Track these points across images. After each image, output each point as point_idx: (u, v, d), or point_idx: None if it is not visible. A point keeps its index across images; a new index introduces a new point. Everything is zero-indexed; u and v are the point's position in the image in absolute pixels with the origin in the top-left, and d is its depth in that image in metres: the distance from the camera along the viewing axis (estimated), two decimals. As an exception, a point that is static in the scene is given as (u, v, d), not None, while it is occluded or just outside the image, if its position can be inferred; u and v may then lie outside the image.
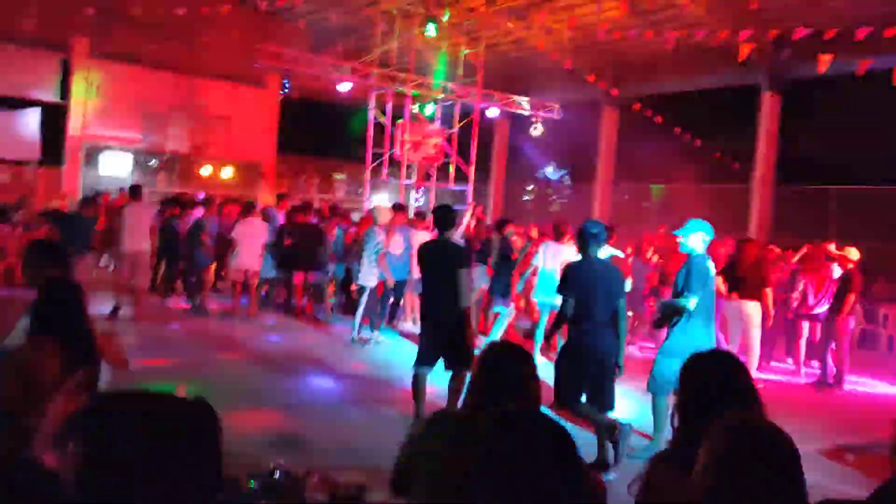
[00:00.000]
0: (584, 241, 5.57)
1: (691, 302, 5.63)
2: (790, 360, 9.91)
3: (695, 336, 5.61)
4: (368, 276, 9.38)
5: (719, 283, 8.06)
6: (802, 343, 9.59)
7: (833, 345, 8.96)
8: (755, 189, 16.24)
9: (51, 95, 18.71)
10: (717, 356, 2.56)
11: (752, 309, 8.41)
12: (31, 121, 18.92)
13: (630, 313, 9.48)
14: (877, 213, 14.93)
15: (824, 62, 12.15)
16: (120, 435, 1.27)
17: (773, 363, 9.79)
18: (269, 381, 7.41)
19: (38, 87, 18.53)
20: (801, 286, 9.48)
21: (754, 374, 7.87)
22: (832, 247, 9.55)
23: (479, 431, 1.84)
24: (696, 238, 5.89)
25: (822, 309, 9.26)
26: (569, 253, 8.20)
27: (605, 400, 5.42)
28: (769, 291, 8.60)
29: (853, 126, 17.07)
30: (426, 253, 6.29)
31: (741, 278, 8.45)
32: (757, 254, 8.81)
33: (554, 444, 1.70)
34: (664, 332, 6.06)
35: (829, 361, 8.94)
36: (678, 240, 5.99)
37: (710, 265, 5.93)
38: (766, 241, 15.05)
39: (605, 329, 5.41)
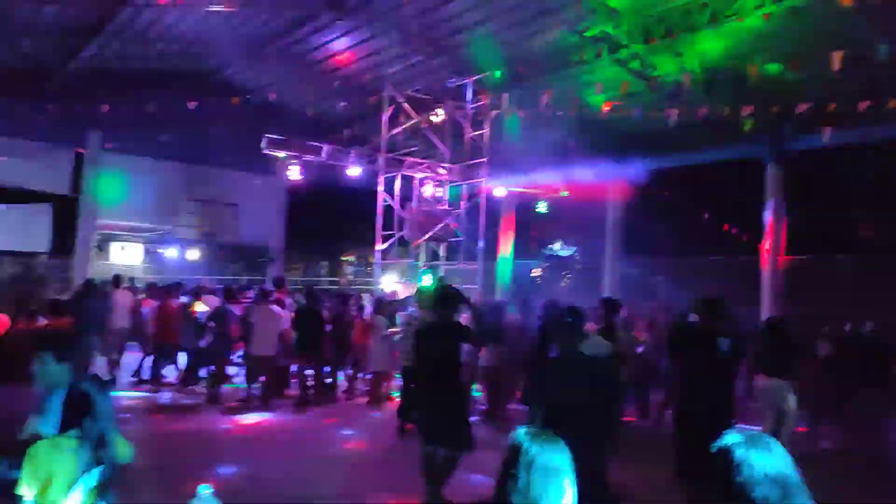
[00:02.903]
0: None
1: None
2: None
3: None
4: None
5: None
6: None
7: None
8: (764, 261, 16.15)
9: (63, 188, 19.03)
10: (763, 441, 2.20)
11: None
12: (42, 213, 19.19)
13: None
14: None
15: (826, 134, 12.29)
16: None
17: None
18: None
19: (51, 179, 18.86)
20: None
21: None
22: None
23: None
24: None
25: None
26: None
27: None
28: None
29: (862, 195, 17.15)
30: (424, 333, 5.99)
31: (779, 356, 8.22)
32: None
33: None
34: None
35: None
36: None
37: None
38: (780, 313, 14.88)
39: None
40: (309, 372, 10.82)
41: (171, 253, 21.44)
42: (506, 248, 22.50)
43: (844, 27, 12.14)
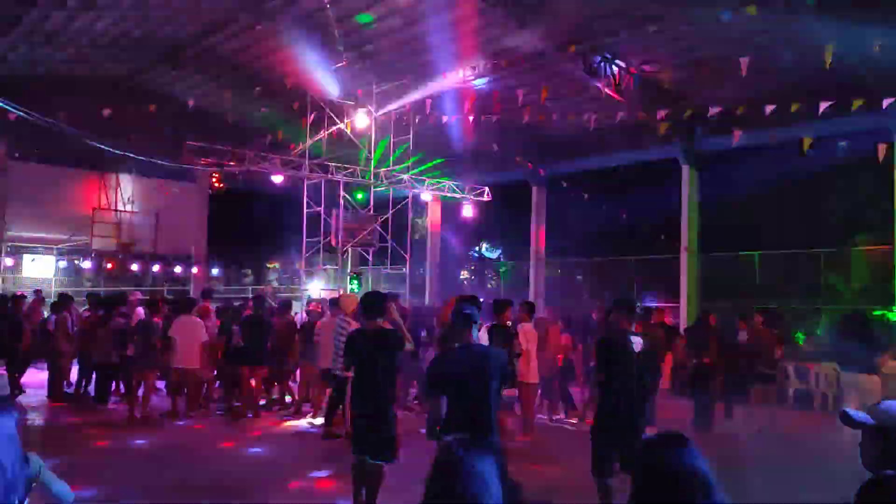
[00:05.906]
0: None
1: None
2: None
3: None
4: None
5: None
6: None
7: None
8: (682, 258, 16.73)
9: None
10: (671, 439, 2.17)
11: None
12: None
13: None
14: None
15: (736, 136, 12.84)
16: None
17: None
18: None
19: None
20: None
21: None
22: None
23: None
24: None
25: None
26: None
27: None
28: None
29: (770, 193, 18.02)
30: (356, 341, 5.84)
31: None
32: None
33: None
34: None
35: None
36: None
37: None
38: (697, 308, 15.47)
39: None
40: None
41: (87, 265, 20.70)
42: (433, 250, 22.64)
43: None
